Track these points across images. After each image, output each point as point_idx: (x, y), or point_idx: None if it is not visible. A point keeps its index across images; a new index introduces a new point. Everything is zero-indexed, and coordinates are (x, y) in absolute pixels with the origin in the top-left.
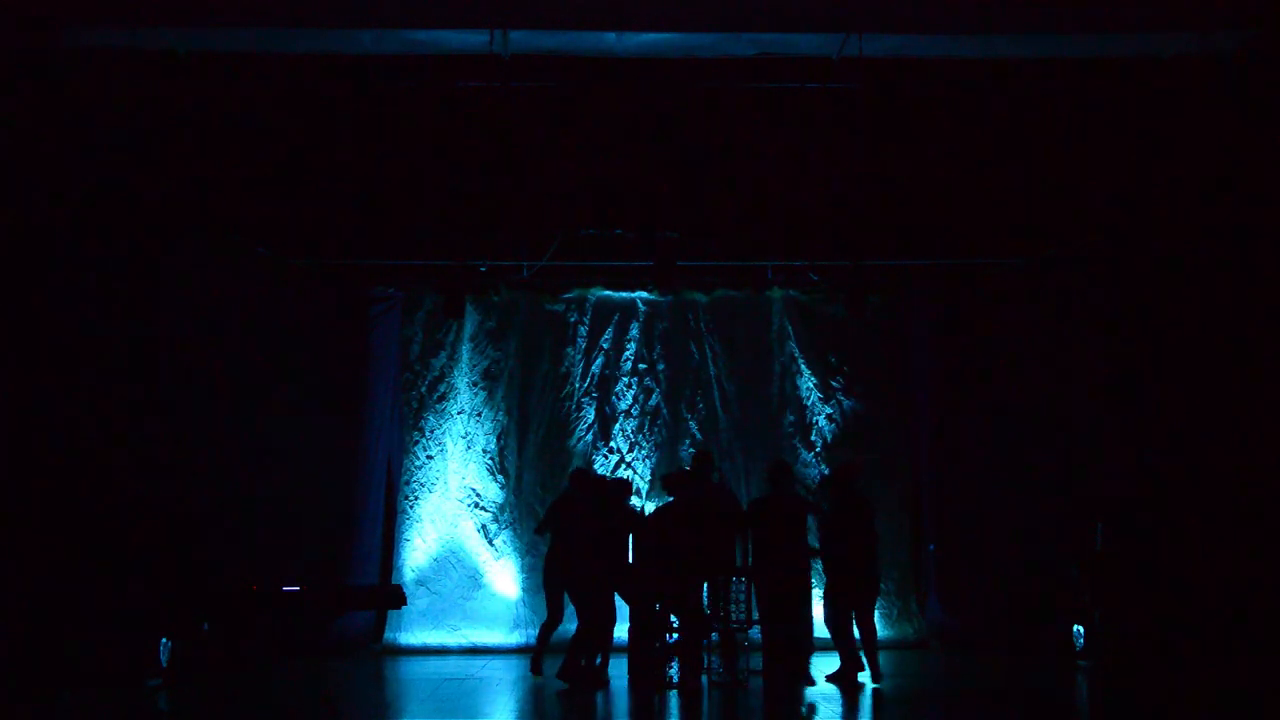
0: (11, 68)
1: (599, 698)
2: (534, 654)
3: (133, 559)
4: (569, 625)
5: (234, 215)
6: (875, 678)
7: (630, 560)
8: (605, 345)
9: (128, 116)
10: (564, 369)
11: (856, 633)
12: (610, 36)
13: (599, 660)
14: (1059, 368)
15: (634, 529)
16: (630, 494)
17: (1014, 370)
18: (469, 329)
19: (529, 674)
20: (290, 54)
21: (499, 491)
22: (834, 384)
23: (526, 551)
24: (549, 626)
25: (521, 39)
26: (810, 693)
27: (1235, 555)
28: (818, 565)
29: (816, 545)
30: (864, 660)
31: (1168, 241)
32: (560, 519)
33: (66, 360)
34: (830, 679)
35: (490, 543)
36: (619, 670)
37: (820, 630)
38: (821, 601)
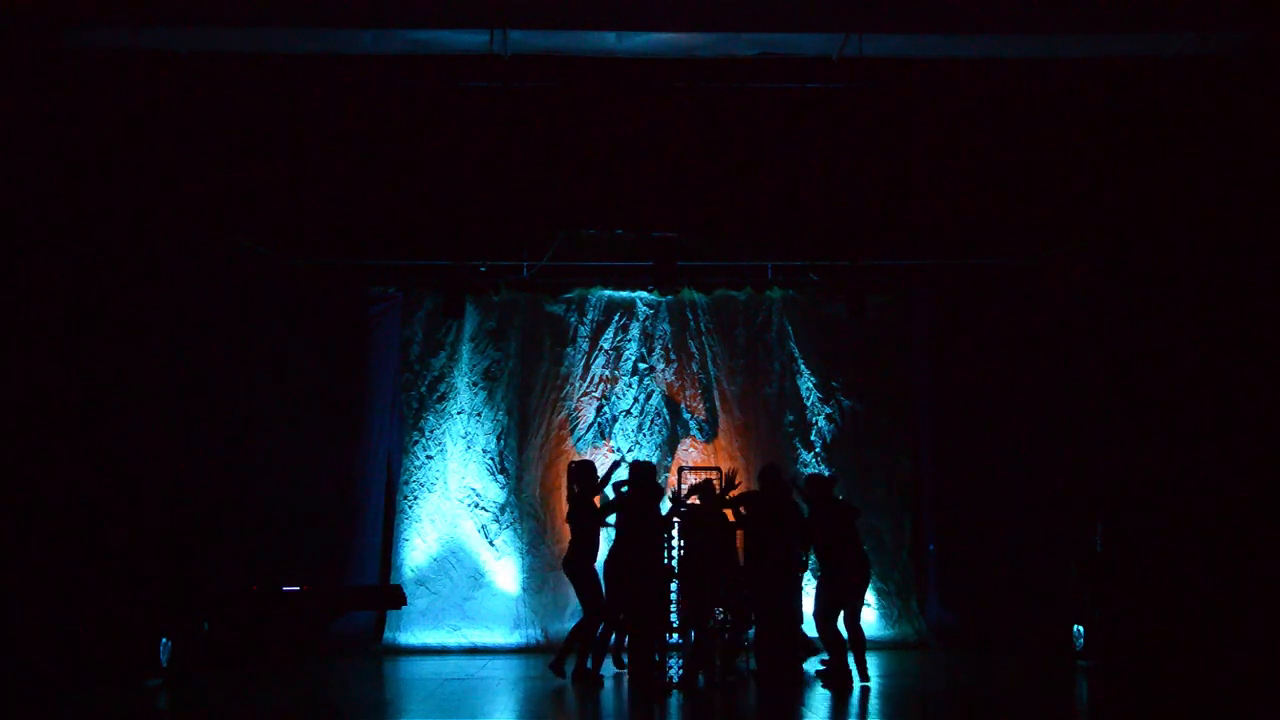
0: (11, 68)
1: (599, 697)
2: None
3: (133, 559)
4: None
5: (234, 215)
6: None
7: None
8: (605, 345)
9: (128, 116)
10: (564, 369)
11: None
12: (610, 36)
13: (591, 660)
14: (1058, 368)
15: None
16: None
17: (1013, 370)
18: (469, 329)
19: (529, 674)
20: (290, 54)
21: (499, 491)
22: (834, 384)
23: (527, 551)
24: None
25: (521, 39)
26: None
27: (1235, 555)
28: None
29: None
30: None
31: (1168, 241)
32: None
33: (65, 360)
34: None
35: (490, 543)
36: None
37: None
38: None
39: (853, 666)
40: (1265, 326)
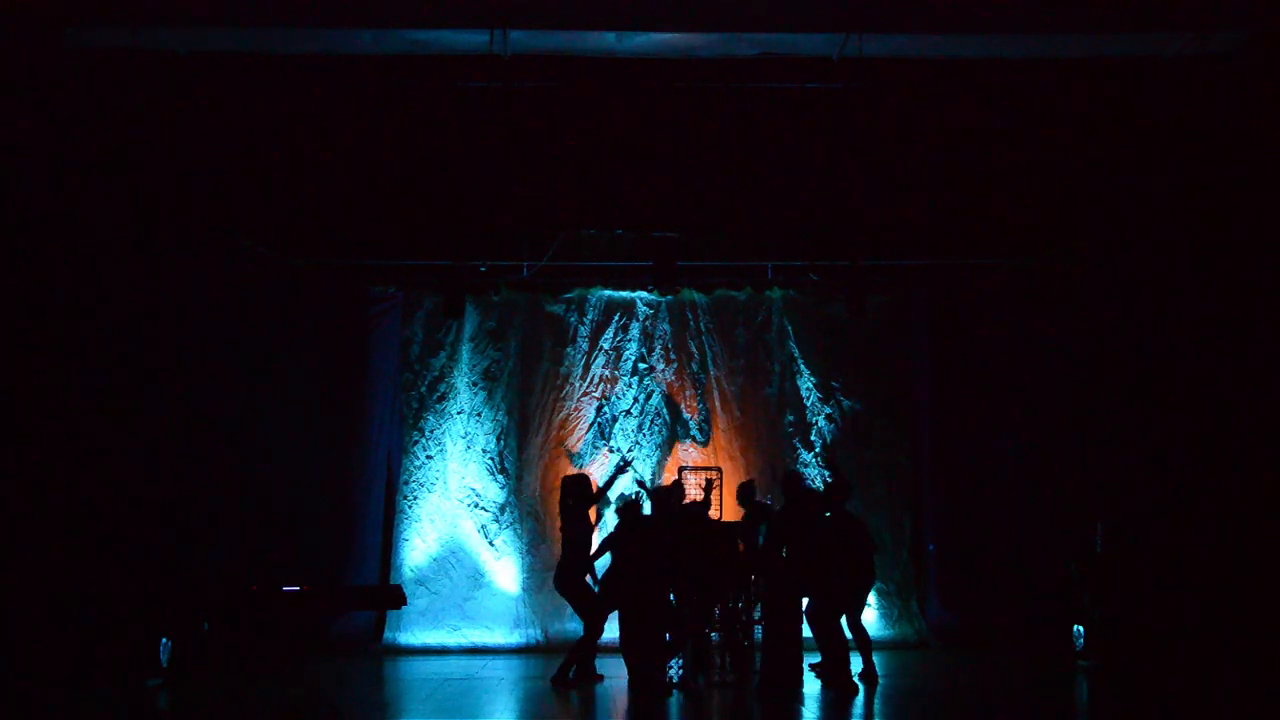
0: (12, 68)
1: (598, 697)
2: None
3: (132, 559)
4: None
5: (234, 215)
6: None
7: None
8: (605, 345)
9: (128, 116)
10: (564, 369)
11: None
12: (610, 36)
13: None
14: (1059, 368)
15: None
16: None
17: (1013, 370)
18: (469, 329)
19: (529, 674)
20: (290, 54)
21: (499, 491)
22: (834, 384)
23: (527, 551)
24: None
25: (521, 39)
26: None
27: (1235, 555)
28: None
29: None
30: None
31: (1168, 241)
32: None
33: (66, 360)
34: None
35: (490, 543)
36: (618, 670)
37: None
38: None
39: (855, 666)
40: (1265, 326)
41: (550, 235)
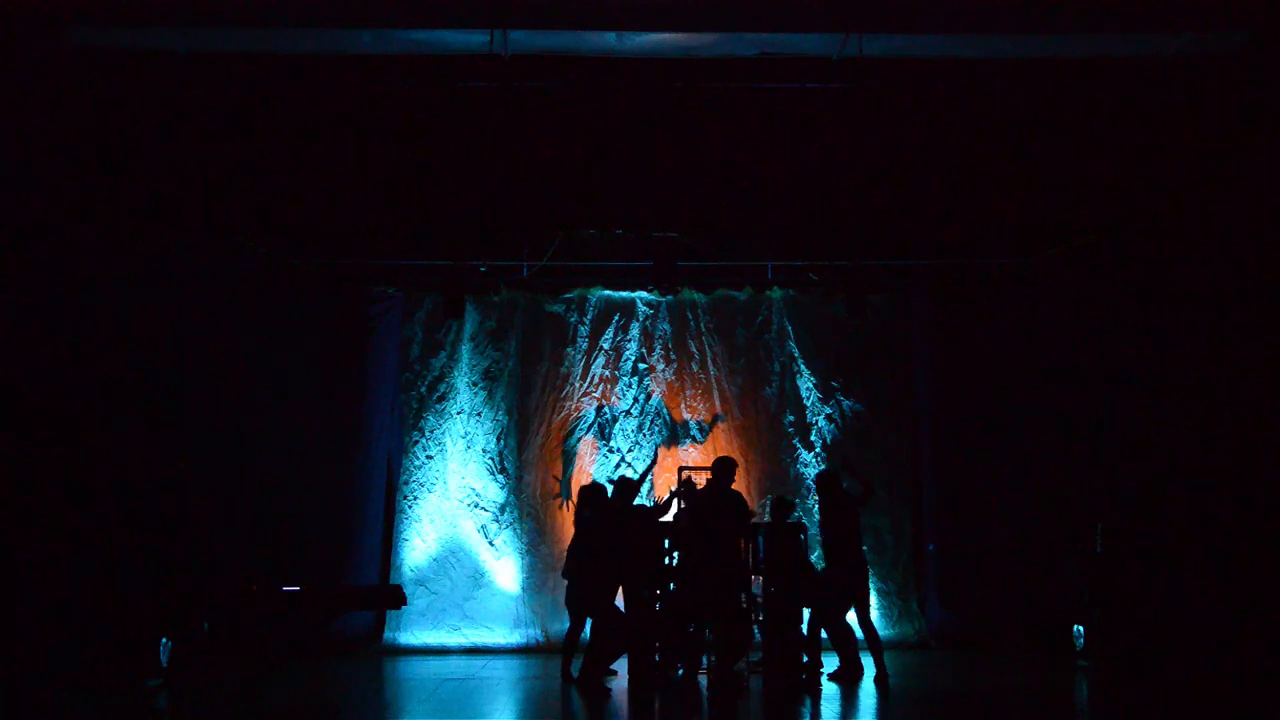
0: (12, 68)
1: (599, 696)
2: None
3: (133, 559)
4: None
5: (234, 215)
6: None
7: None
8: (605, 345)
9: (128, 116)
10: (564, 369)
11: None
12: (610, 36)
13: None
14: (1058, 367)
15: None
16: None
17: (1014, 370)
18: (469, 329)
19: (529, 674)
20: (290, 54)
21: (499, 491)
22: (834, 384)
23: (526, 551)
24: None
25: (521, 39)
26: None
27: (1235, 555)
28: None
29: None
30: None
31: (1167, 242)
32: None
33: (67, 360)
34: (831, 677)
35: (490, 542)
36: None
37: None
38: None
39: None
40: (1265, 326)
41: (550, 235)
